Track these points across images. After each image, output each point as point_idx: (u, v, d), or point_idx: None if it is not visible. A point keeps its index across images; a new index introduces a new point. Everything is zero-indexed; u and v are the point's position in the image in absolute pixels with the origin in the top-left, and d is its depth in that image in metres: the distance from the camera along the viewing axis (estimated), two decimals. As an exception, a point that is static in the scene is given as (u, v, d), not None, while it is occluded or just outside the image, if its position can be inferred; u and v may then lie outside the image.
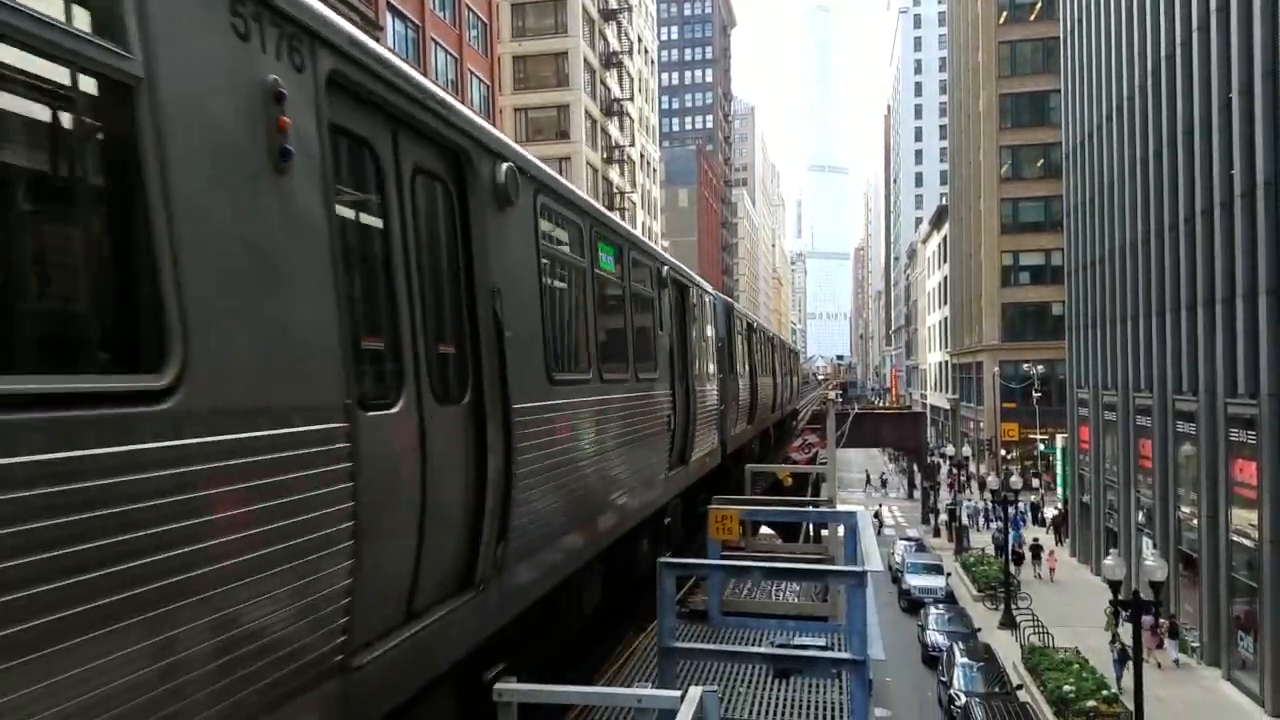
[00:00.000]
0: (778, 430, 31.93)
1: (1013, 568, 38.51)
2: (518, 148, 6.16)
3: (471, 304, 5.21)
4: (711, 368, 14.55)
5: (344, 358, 3.75)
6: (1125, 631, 29.64)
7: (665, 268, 10.87)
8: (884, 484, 78.16)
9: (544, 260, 6.36)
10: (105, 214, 2.90)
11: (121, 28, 2.74)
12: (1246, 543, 27.39)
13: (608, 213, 8.76)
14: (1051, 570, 43.43)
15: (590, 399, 7.20)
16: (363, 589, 3.78)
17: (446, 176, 5.09)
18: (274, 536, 3.23)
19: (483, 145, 5.42)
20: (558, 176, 7.07)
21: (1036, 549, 44.37)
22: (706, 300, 14.53)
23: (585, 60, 66.06)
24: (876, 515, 56.16)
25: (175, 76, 2.93)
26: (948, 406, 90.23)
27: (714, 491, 13.68)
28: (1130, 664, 23.16)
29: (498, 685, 5.39)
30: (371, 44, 4.25)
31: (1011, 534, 41.07)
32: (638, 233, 11.29)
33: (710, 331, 14.69)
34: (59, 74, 2.63)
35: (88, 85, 2.73)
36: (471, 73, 52.88)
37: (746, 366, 20.28)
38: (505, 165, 5.64)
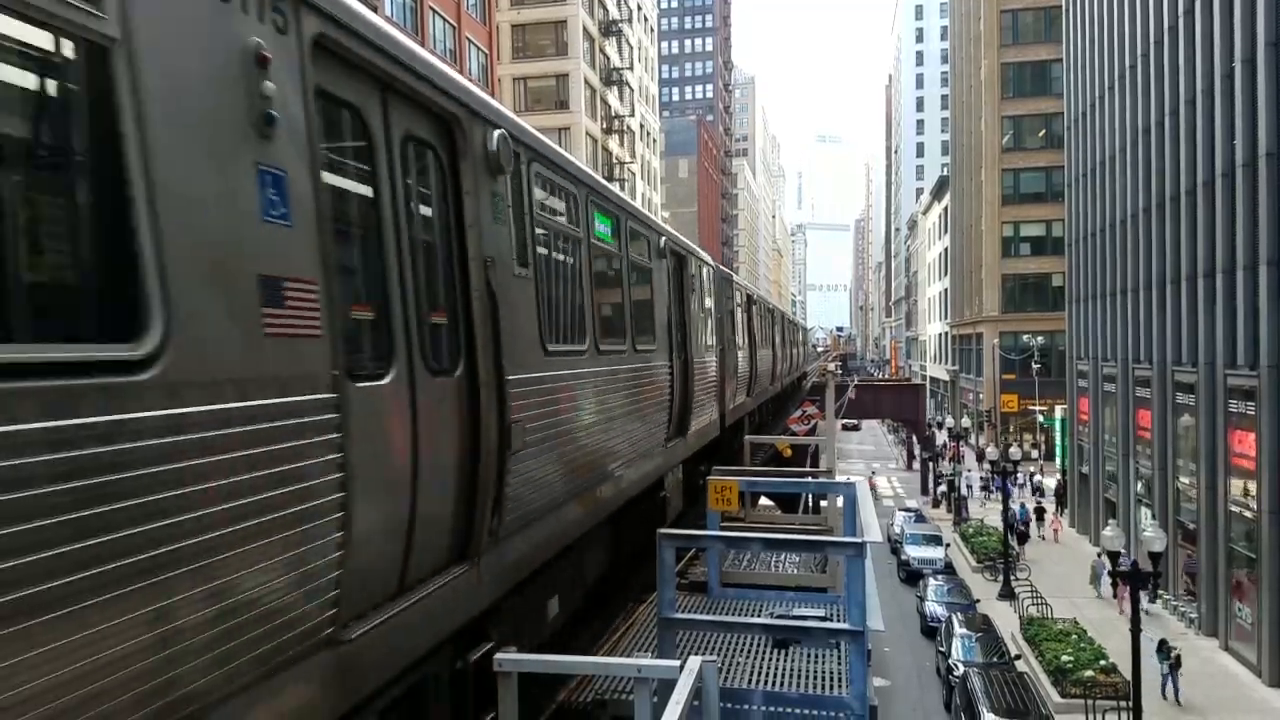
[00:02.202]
0: (776, 403, 31.82)
1: (1016, 545, 38.78)
2: (511, 114, 6.04)
3: (464, 274, 5.12)
4: (710, 340, 14.39)
5: (331, 328, 3.68)
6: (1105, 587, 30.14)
7: (663, 238, 10.79)
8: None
9: (538, 230, 6.26)
10: (83, 180, 2.81)
11: None
12: (1245, 514, 27.49)
13: (604, 181, 8.65)
14: (1055, 531, 44.08)
15: (584, 370, 7.14)
16: (354, 561, 3.75)
17: (437, 144, 5.00)
18: (263, 507, 3.20)
19: (474, 112, 5.31)
20: (552, 144, 6.87)
21: (1040, 511, 44.70)
22: (705, 271, 14.36)
23: (584, 28, 65.53)
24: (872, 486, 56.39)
25: (152, 37, 2.85)
26: (947, 378, 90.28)
27: (713, 462, 13.85)
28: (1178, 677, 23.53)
29: (498, 655, 5.41)
30: (359, 6, 4.13)
31: (1018, 511, 41.25)
32: (637, 203, 11.39)
33: (709, 303, 14.52)
34: (31, 34, 2.53)
35: (64, 47, 2.64)
36: (470, 41, 52.47)
37: (746, 339, 20.05)
38: (498, 132, 5.51)
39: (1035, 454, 60.08)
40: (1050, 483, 53.49)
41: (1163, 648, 25.11)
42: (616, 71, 74.08)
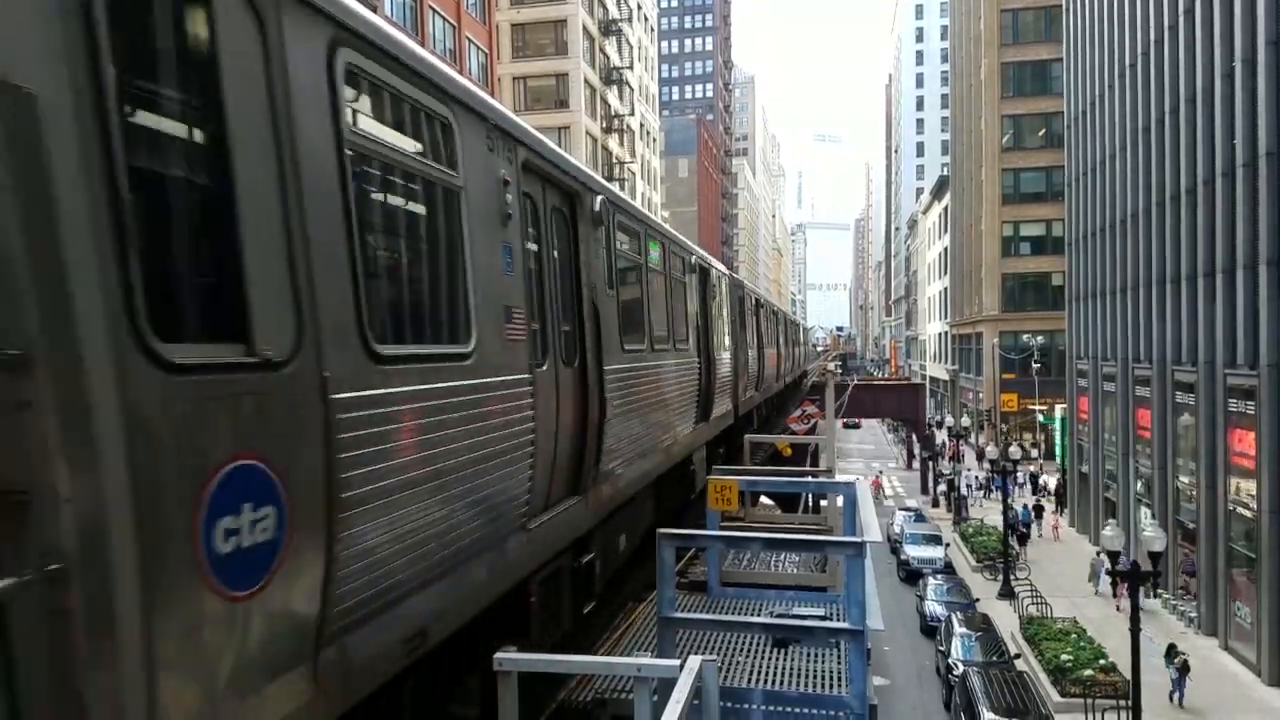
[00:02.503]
0: (779, 399, 32.59)
1: (1017, 546, 38.85)
2: (605, 183, 8.55)
3: (579, 297, 7.38)
4: (727, 340, 16.41)
5: (530, 335, 6.02)
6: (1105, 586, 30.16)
7: (694, 256, 13.39)
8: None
9: (619, 261, 8.56)
10: (458, 262, 5.14)
11: (454, 160, 5.13)
12: (1244, 513, 27.50)
13: (654, 218, 11.39)
14: (1055, 529, 44.20)
15: (646, 364, 9.45)
16: (535, 481, 6.03)
17: (566, 209, 7.33)
18: (505, 436, 5.51)
19: (588, 186, 7.79)
20: (626, 197, 9.65)
21: (1039, 509, 44.74)
22: (723, 281, 16.66)
23: (584, 28, 65.49)
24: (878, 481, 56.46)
25: (473, 181, 5.34)
26: (947, 378, 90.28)
27: (727, 449, 16.56)
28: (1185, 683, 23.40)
29: (498, 655, 5.43)
30: (540, 137, 6.69)
31: (1020, 512, 41.24)
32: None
33: (725, 308, 16.61)
34: (432, 187, 5.00)
35: (445, 193, 5.08)
36: (469, 40, 52.45)
37: (755, 339, 21.79)
38: (600, 197, 7.98)
39: (1035, 453, 60.07)
40: (1051, 481, 53.56)
41: (1170, 653, 24.90)
42: (616, 71, 74.04)
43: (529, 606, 6.38)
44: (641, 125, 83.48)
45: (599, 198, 7.90)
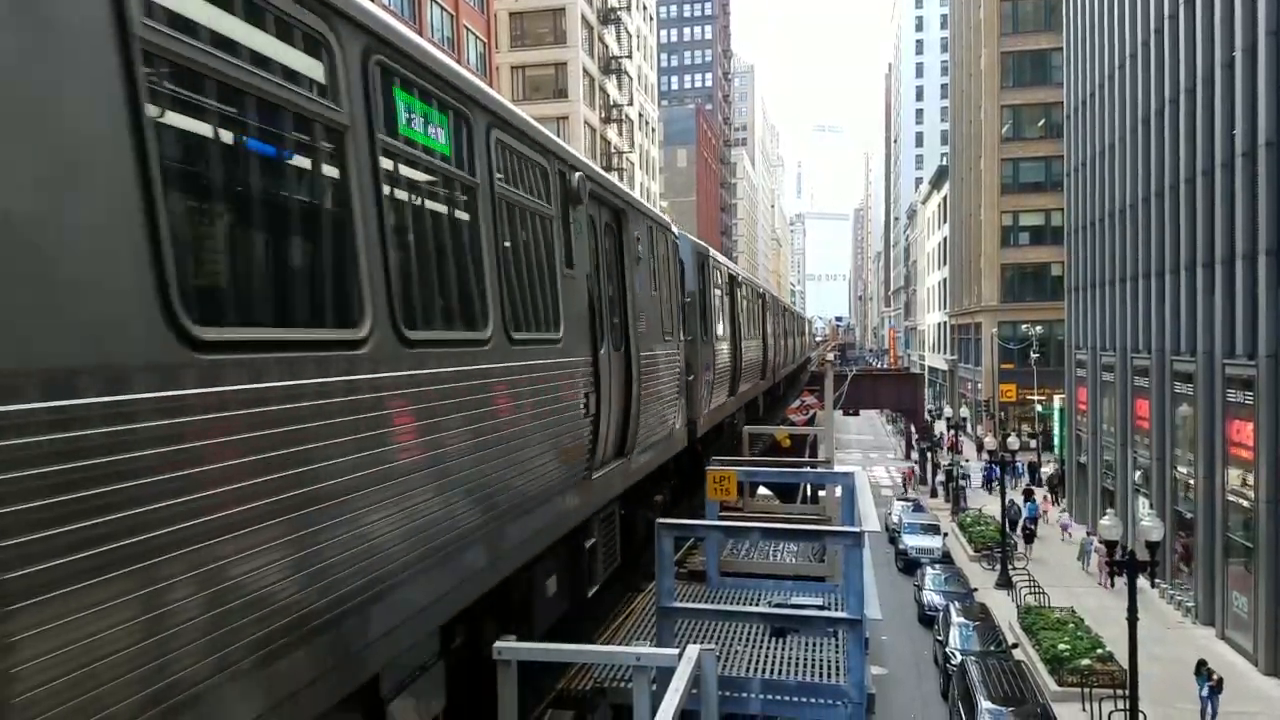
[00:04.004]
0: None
1: (1023, 544, 38.92)
2: (640, 200, 10.29)
3: (624, 296, 8.99)
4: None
5: (596, 328, 7.83)
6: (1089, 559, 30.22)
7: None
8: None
9: (650, 266, 10.21)
10: (549, 276, 6.81)
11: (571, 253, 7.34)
12: (1242, 503, 27.55)
13: (655, 210, 11.89)
14: (1045, 513, 44.23)
15: (662, 352, 10.87)
16: (596, 443, 7.73)
17: (615, 225, 8.90)
18: (579, 406, 7.15)
19: (633, 205, 9.56)
20: (651, 207, 11.04)
21: (1029, 493, 44.83)
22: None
23: (583, 16, 65.24)
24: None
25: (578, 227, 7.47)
26: (946, 368, 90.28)
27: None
28: (1215, 696, 22.84)
29: (497, 644, 5.44)
30: (595, 167, 8.32)
31: (1025, 509, 41.20)
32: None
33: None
34: (550, 221, 6.96)
35: (542, 220, 6.87)
36: (467, 29, 52.31)
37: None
38: (638, 213, 9.76)
39: (1033, 443, 60.14)
40: (1045, 470, 53.72)
41: (1201, 669, 23.38)
42: (615, 60, 73.80)
43: (593, 533, 8.28)
44: (640, 115, 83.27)
45: (639, 213, 9.93)
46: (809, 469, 17.46)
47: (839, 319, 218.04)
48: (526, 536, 6.02)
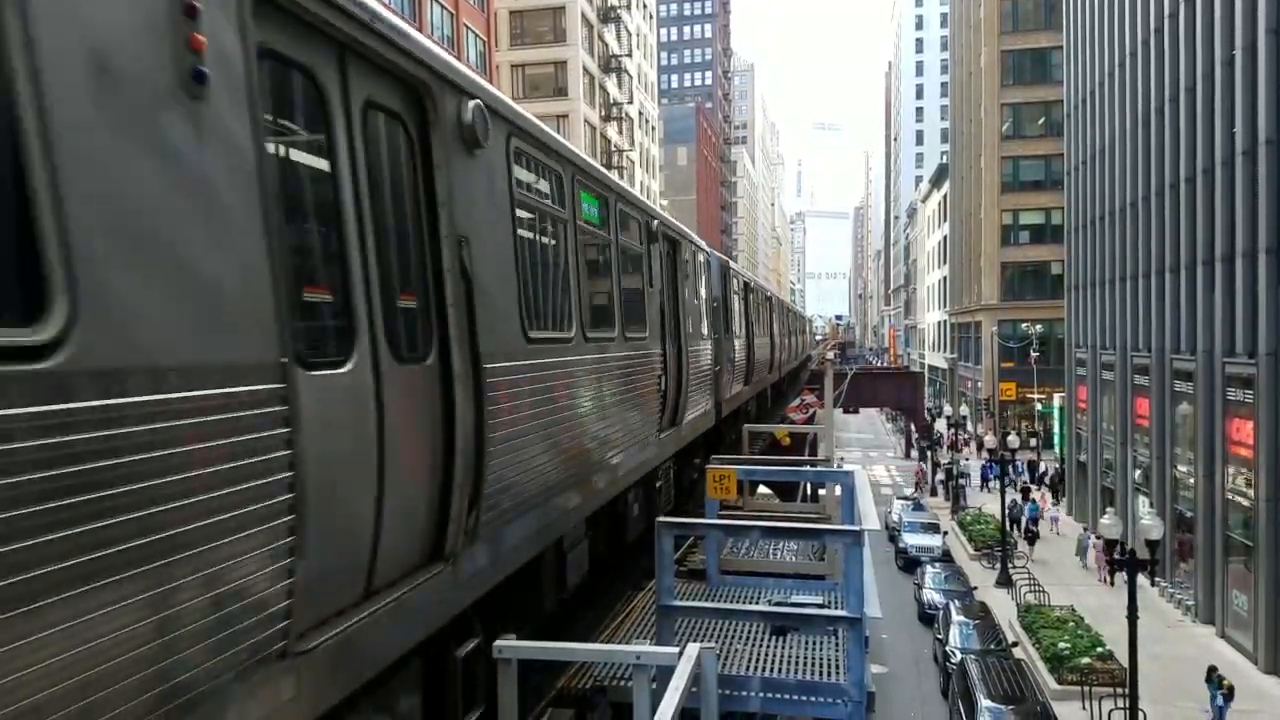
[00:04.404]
0: (774, 390, 31.86)
1: (1027, 546, 38.90)
2: (687, 230, 12.85)
3: (677, 307, 9.21)
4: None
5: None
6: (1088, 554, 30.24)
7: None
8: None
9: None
10: (642, 291, 9.85)
11: (647, 240, 10.15)
12: (1242, 501, 27.54)
13: (694, 235, 14.29)
14: (1043, 511, 44.21)
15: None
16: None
17: (670, 251, 9.01)
18: (644, 393, 6.55)
19: (684, 236, 12.14)
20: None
21: (1025, 491, 44.89)
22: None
23: (583, 15, 65.22)
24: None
25: (651, 250, 10.33)
26: (945, 366, 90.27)
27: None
28: (1227, 704, 22.59)
29: (497, 642, 5.44)
30: (665, 216, 10.90)
31: (1027, 509, 41.17)
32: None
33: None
34: (638, 256, 10.00)
35: (636, 254, 9.72)
36: (467, 28, 52.28)
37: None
38: (687, 244, 12.53)
39: (1033, 441, 60.16)
40: (1042, 466, 53.85)
41: (1211, 676, 22.97)
42: (615, 58, 73.79)
43: (659, 477, 10.92)
44: (640, 113, 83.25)
45: (686, 240, 12.38)
46: (809, 467, 17.47)
47: (839, 317, 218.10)
48: (630, 468, 8.83)
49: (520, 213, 5.97)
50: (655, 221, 10.53)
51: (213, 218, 3.02)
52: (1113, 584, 32.27)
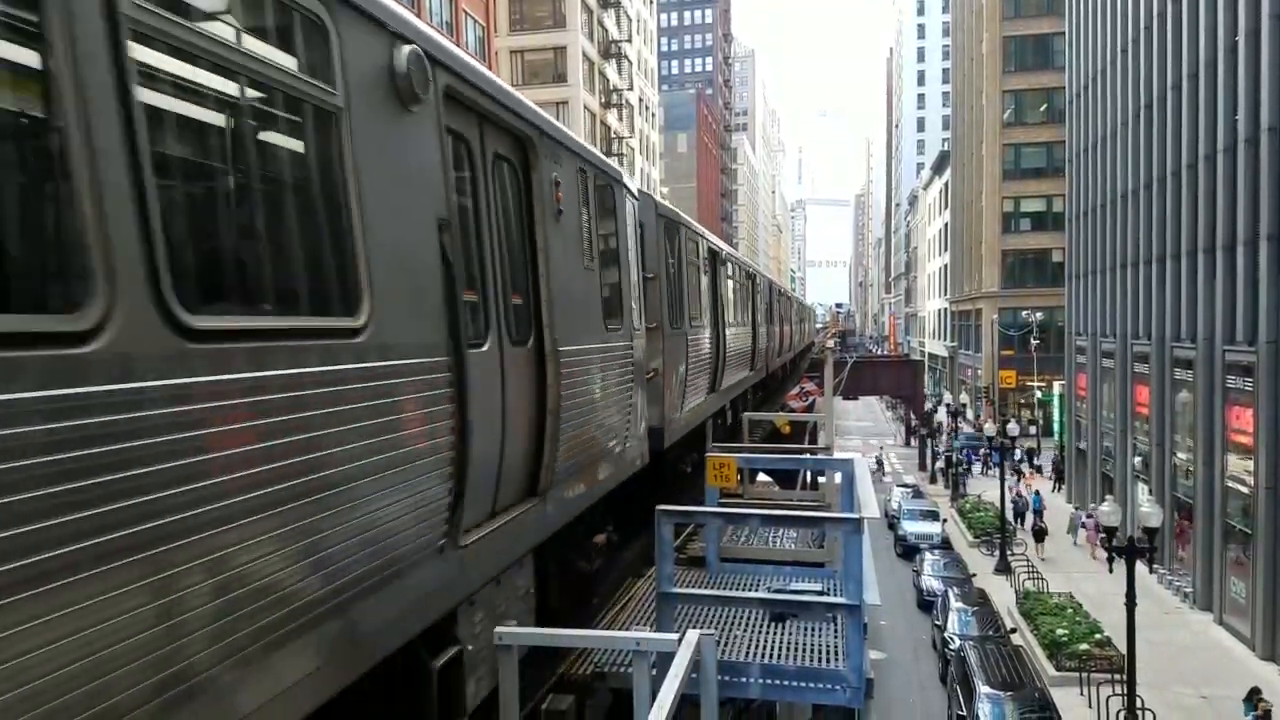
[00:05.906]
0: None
1: (1033, 541, 38.96)
2: (728, 247, 18.16)
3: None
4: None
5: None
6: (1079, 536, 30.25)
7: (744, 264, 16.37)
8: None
9: (722, 277, 14.46)
10: (706, 296, 15.09)
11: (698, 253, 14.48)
12: (1241, 489, 27.59)
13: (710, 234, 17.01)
14: (1029, 487, 44.44)
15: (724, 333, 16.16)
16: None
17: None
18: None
19: (724, 250, 15.96)
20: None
21: (1018, 471, 45.00)
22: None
23: (582, 0, 64.96)
24: (879, 461, 56.54)
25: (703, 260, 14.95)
26: (946, 354, 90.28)
27: (747, 406, 19.74)
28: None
29: (498, 629, 5.47)
30: (702, 229, 14.42)
31: (1032, 501, 41.17)
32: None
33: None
34: (698, 267, 14.60)
35: (693, 266, 13.83)
36: (466, 14, 52.04)
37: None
38: (725, 253, 16.99)
39: (1033, 429, 60.24)
40: (1038, 452, 54.06)
41: (1251, 697, 21.44)
42: (615, 44, 73.48)
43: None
44: (640, 100, 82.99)
45: (723, 248, 15.87)
46: (809, 455, 17.49)
47: (839, 305, 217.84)
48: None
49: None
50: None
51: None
52: (1111, 571, 32.33)
